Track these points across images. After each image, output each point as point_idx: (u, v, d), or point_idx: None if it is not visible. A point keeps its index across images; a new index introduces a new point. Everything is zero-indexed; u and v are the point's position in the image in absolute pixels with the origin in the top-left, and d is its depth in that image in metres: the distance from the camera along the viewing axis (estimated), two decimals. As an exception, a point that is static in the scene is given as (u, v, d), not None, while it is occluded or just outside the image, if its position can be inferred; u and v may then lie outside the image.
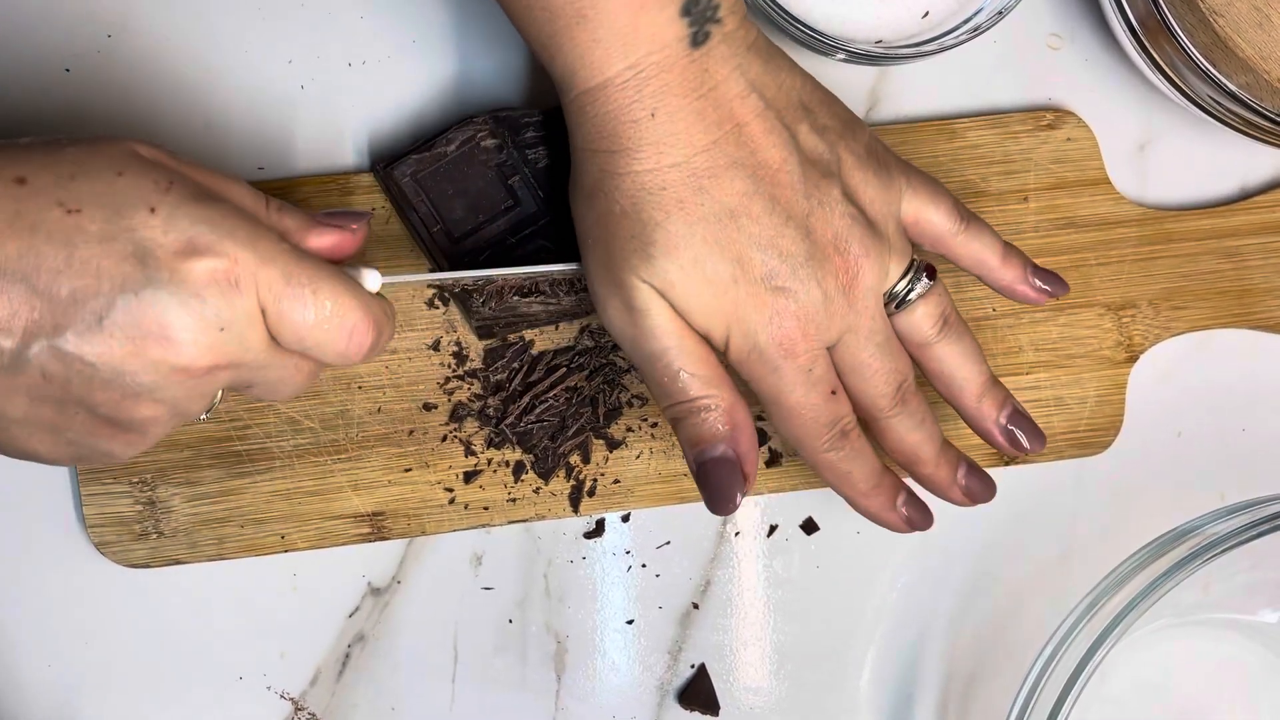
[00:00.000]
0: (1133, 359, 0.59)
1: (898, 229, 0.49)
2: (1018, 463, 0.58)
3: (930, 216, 0.50)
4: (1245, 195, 0.61)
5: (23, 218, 0.38)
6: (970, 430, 0.53)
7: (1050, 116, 0.59)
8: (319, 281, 0.41)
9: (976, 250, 0.51)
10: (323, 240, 0.44)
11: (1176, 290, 0.59)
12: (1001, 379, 0.57)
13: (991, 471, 0.57)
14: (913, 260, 0.50)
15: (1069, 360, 0.58)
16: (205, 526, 0.54)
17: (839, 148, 0.48)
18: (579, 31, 0.44)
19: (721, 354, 0.48)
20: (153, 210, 0.39)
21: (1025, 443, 0.52)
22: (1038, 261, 0.53)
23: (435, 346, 0.55)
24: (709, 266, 0.46)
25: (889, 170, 0.49)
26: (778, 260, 0.46)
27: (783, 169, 0.46)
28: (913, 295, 0.49)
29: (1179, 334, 0.59)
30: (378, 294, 0.45)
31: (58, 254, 0.38)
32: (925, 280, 0.49)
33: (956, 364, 0.51)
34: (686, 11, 0.44)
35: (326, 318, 0.41)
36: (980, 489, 0.52)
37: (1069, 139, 0.59)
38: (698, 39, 0.45)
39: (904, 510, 0.50)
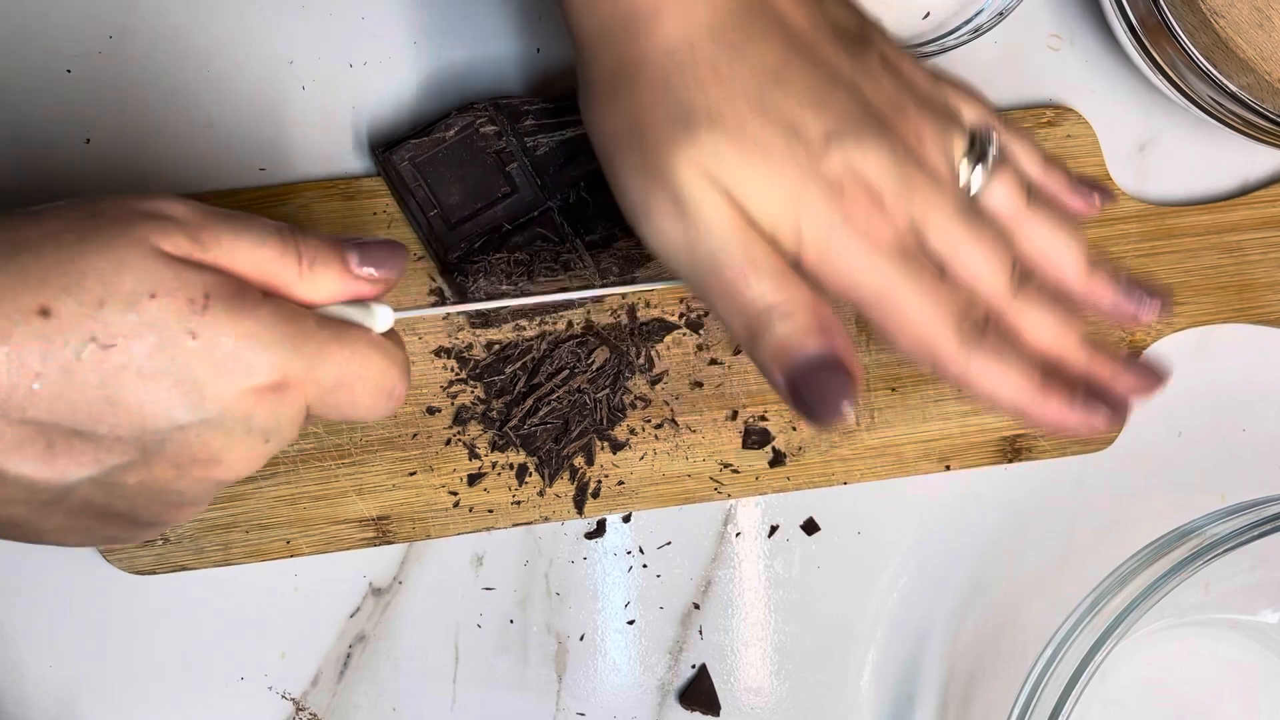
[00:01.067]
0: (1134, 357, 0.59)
1: (946, 101, 0.43)
2: (1019, 460, 0.58)
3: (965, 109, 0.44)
4: (1245, 192, 0.61)
5: (53, 358, 0.34)
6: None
7: (1051, 113, 0.59)
8: (365, 359, 0.39)
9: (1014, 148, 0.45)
10: (362, 289, 0.40)
11: (1177, 286, 0.59)
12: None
13: (991, 471, 0.57)
14: (972, 130, 0.43)
15: (1069, 360, 0.59)
16: (211, 532, 0.54)
17: (866, 27, 0.43)
18: None
19: (796, 264, 0.41)
20: (193, 336, 0.36)
21: (1151, 310, 0.44)
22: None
23: (438, 351, 0.55)
24: (761, 136, 0.39)
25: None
26: (834, 118, 0.39)
27: (814, 32, 0.41)
28: (989, 158, 0.42)
29: (1180, 330, 0.59)
30: (390, 330, 0.42)
31: (96, 395, 0.35)
32: (996, 138, 0.42)
33: (1052, 234, 0.43)
34: None
35: (372, 391, 0.40)
36: (1153, 377, 0.43)
37: (1069, 135, 0.59)
38: None
39: (1090, 403, 0.41)
